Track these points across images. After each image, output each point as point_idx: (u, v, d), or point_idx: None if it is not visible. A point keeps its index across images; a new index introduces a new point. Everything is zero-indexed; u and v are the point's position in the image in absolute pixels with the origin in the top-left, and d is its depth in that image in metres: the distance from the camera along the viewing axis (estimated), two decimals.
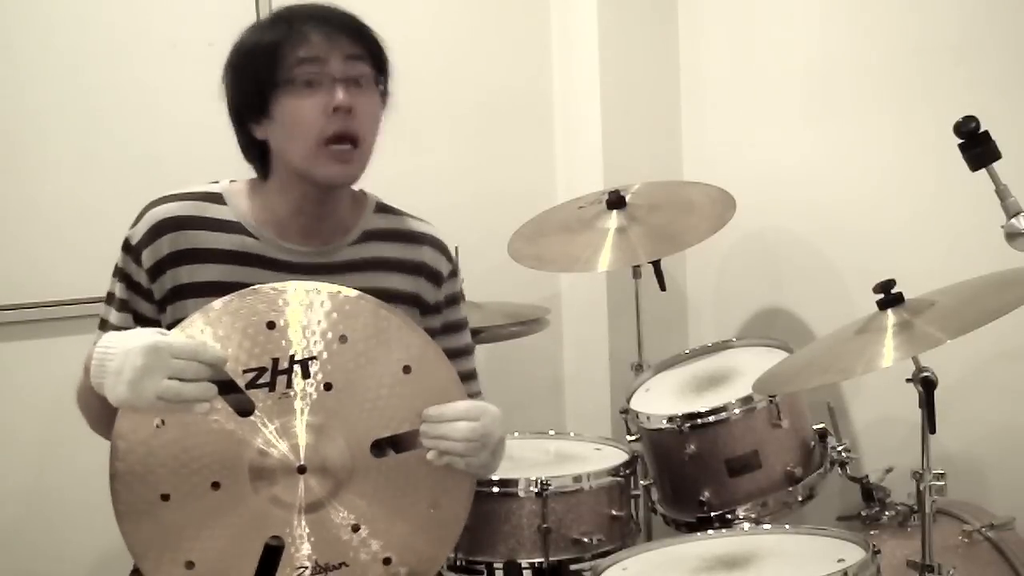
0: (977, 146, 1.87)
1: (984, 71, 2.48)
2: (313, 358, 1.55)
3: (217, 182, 1.80)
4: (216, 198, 1.77)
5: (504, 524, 2.28)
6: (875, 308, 2.00)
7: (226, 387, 1.52)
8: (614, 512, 2.33)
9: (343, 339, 1.57)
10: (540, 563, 2.29)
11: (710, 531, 2.21)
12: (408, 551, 1.59)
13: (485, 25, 3.13)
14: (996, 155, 1.87)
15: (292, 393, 1.55)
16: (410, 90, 2.94)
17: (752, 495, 2.33)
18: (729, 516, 2.32)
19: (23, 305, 2.56)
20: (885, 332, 1.95)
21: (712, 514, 2.33)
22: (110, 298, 1.78)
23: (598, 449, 2.54)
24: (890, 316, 1.97)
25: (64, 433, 2.06)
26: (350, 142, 1.70)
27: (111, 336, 1.53)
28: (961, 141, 1.88)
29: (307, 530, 1.55)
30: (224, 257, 1.74)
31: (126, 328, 1.72)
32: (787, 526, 2.17)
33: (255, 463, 1.54)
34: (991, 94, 2.40)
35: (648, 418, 2.43)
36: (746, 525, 2.26)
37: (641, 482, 2.45)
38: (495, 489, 2.28)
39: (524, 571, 2.34)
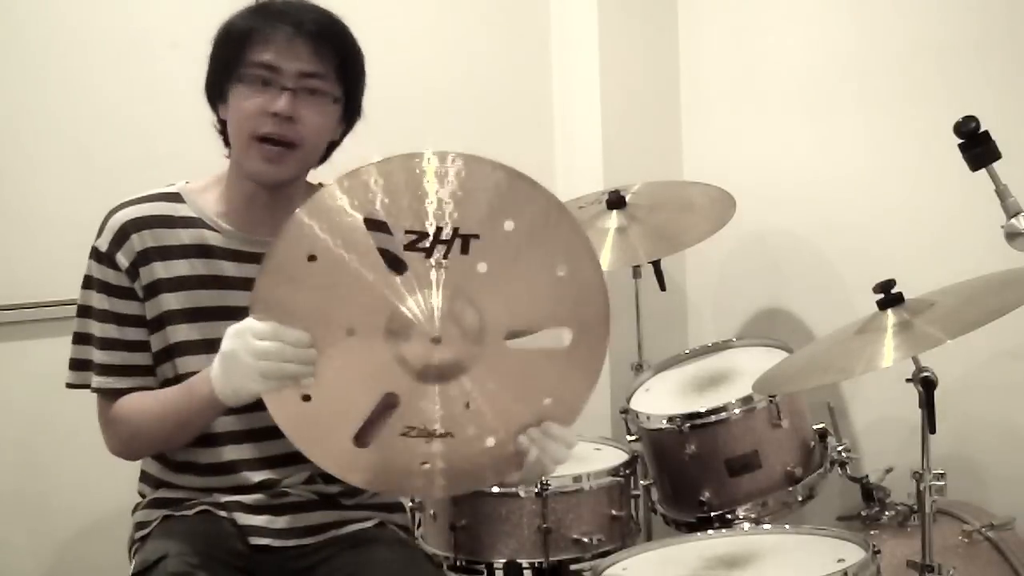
0: (977, 146, 1.87)
1: (984, 71, 2.48)
2: (476, 236, 1.54)
3: (174, 184, 1.87)
4: (174, 197, 1.85)
5: (504, 524, 2.28)
6: (875, 308, 2.00)
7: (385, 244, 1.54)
8: (614, 512, 2.33)
9: (509, 225, 1.56)
10: (540, 563, 2.29)
11: (710, 531, 2.21)
12: (515, 436, 1.62)
13: (485, 25, 3.13)
14: (996, 155, 1.87)
15: (446, 265, 1.54)
16: (410, 90, 2.97)
17: (752, 495, 2.33)
18: (729, 516, 2.32)
19: (23, 305, 2.56)
20: (885, 332, 1.95)
21: (712, 514, 2.33)
22: (83, 317, 1.83)
23: (598, 449, 2.54)
24: (890, 316, 1.97)
25: (66, 432, 2.06)
26: (284, 145, 1.76)
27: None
28: (961, 141, 1.88)
29: (423, 395, 1.58)
30: (187, 252, 1.81)
31: (109, 338, 1.81)
32: (787, 526, 2.16)
33: (394, 320, 1.55)
34: (991, 94, 2.40)
35: (648, 418, 2.43)
36: (746, 525, 2.26)
37: (641, 482, 2.44)
38: (495, 489, 2.28)
39: (524, 571, 2.34)
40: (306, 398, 1.56)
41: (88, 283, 1.84)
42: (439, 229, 1.53)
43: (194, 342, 1.81)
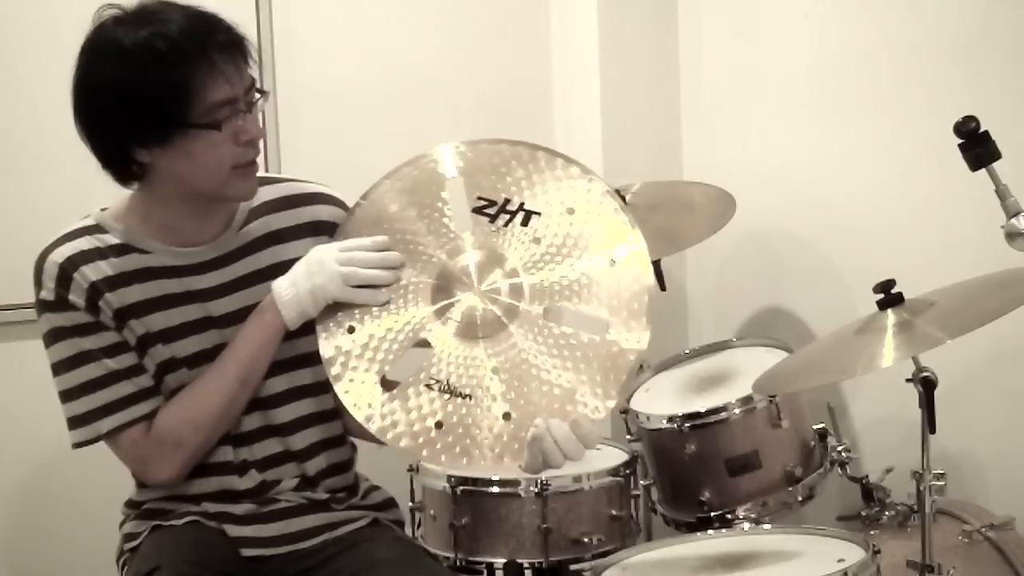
0: (977, 146, 1.87)
1: (984, 71, 2.47)
2: (538, 213, 1.70)
3: (89, 216, 1.81)
4: (95, 229, 1.79)
5: (504, 524, 2.28)
6: (875, 308, 2.00)
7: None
8: (614, 512, 2.33)
9: (571, 211, 1.71)
10: (540, 563, 2.29)
11: (710, 531, 2.21)
12: (531, 415, 1.63)
13: (485, 24, 3.12)
14: (996, 155, 1.87)
15: (505, 232, 1.69)
16: (410, 90, 2.96)
17: (752, 495, 2.32)
18: (729, 516, 2.32)
19: (23, 305, 2.54)
20: (885, 332, 1.94)
21: (712, 514, 2.33)
22: (66, 372, 1.76)
23: (598, 449, 2.53)
24: (890, 316, 1.97)
25: (64, 433, 2.03)
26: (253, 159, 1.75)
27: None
28: (961, 141, 1.88)
29: (454, 350, 1.65)
30: (127, 279, 1.75)
31: (110, 372, 1.75)
32: (787, 526, 2.16)
33: (445, 270, 1.69)
34: (991, 94, 2.40)
35: (648, 418, 2.43)
36: (746, 525, 2.26)
37: (641, 482, 2.44)
38: (495, 489, 2.28)
39: (524, 571, 2.34)
40: (351, 330, 1.67)
41: (55, 335, 1.76)
42: (507, 200, 1.70)
43: (176, 359, 1.79)
